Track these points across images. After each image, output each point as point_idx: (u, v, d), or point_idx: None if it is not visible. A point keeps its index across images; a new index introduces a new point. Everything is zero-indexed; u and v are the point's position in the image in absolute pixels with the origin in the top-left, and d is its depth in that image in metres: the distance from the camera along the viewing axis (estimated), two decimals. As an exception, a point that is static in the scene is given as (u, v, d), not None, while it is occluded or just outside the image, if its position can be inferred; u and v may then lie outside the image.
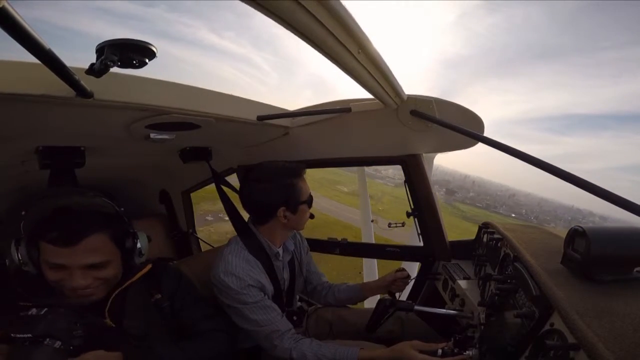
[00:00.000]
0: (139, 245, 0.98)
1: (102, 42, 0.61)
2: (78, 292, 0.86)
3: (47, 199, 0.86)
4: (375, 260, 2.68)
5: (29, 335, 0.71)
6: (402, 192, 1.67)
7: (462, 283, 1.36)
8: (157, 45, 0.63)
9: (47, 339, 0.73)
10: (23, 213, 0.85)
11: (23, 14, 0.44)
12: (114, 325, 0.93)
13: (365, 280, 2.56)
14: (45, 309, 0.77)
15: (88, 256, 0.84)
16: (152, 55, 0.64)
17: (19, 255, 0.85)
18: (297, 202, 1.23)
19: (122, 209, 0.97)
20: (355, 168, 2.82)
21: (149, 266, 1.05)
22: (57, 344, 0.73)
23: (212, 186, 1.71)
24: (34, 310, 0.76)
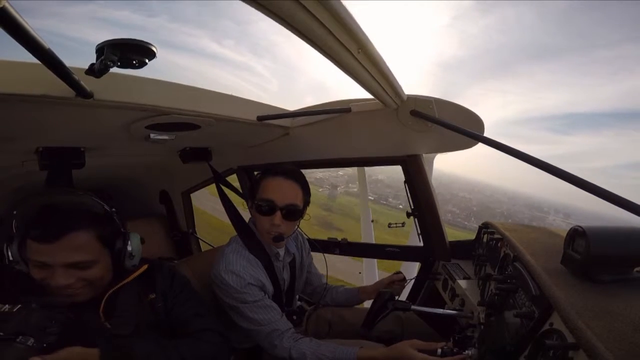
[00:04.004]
0: (129, 247, 0.95)
1: (102, 42, 0.61)
2: (61, 292, 0.84)
3: (35, 198, 0.85)
4: (375, 260, 2.69)
5: (1, 333, 0.69)
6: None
7: (462, 283, 1.36)
8: (159, 54, 0.63)
9: (20, 337, 0.70)
10: (14, 212, 0.84)
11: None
12: (108, 325, 0.91)
13: (365, 281, 2.57)
14: (19, 306, 0.75)
15: (70, 254, 0.82)
16: (152, 55, 0.64)
17: (10, 254, 0.84)
18: (253, 199, 1.23)
19: (114, 209, 0.94)
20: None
21: (145, 267, 1.02)
22: (30, 341, 0.71)
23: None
24: (6, 307, 0.74)
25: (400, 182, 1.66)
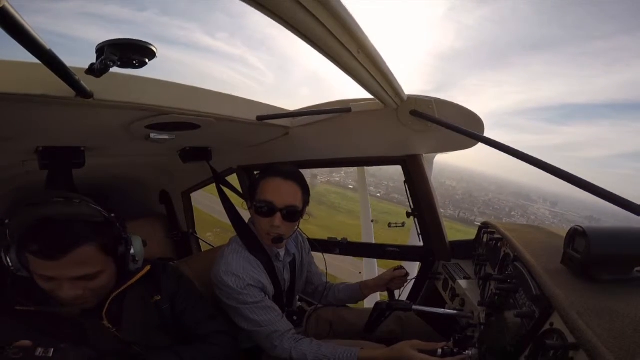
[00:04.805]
0: (132, 251, 0.95)
1: (102, 42, 0.61)
2: (70, 302, 0.85)
3: (30, 209, 0.80)
4: (375, 260, 2.68)
5: None
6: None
7: (462, 283, 1.36)
8: (151, 49, 0.63)
9: None
10: (7, 222, 0.81)
11: None
12: (112, 328, 0.92)
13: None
14: (52, 349, 0.75)
15: (76, 269, 0.81)
16: (152, 55, 0.64)
17: (10, 262, 0.82)
18: (252, 200, 1.21)
19: (113, 214, 0.92)
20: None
21: (148, 267, 1.03)
22: None
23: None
24: (40, 351, 0.74)
25: (384, 172, 1.66)
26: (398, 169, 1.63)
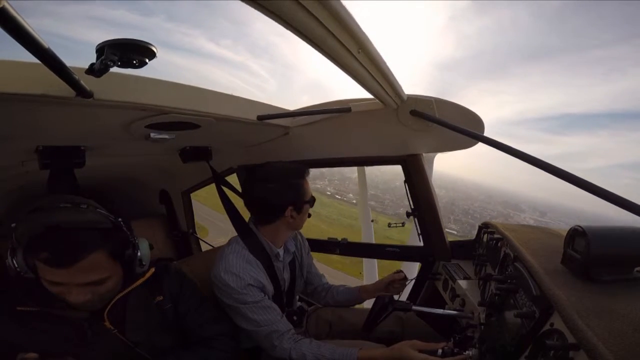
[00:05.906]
0: (139, 254, 0.95)
1: (102, 42, 0.61)
2: (80, 306, 0.85)
3: (37, 215, 0.79)
4: (375, 261, 2.69)
5: None
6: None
7: (463, 283, 1.36)
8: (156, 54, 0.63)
9: None
10: (13, 225, 0.80)
11: None
12: (114, 329, 0.92)
13: (365, 280, 2.57)
14: None
15: (85, 275, 0.82)
16: (152, 55, 0.64)
17: (16, 264, 0.81)
18: (303, 202, 1.25)
19: (120, 219, 0.92)
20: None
21: (152, 270, 1.03)
22: None
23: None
24: None
25: (369, 180, 1.67)
26: (385, 176, 1.65)
